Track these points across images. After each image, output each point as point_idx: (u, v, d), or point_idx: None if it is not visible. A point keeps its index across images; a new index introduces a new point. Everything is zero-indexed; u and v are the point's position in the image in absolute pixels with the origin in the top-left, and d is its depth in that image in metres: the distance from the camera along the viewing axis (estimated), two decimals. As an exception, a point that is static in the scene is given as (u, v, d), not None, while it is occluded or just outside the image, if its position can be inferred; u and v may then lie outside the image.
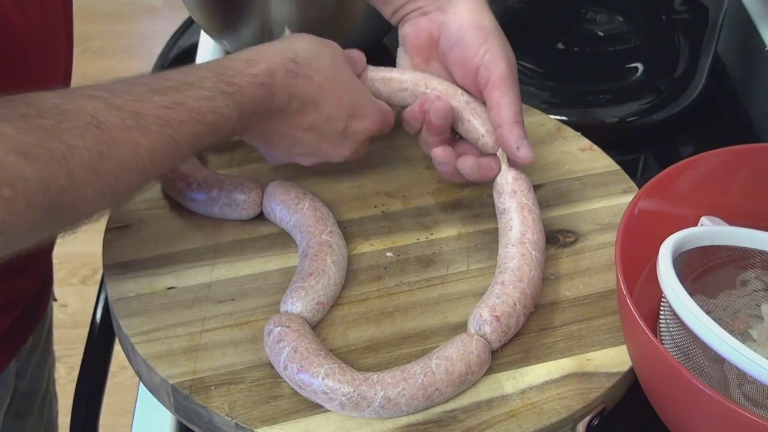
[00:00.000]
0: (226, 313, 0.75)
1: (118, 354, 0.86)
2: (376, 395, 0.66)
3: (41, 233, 0.62)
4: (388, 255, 0.81)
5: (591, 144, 0.92)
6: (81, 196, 0.62)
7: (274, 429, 0.67)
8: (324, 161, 0.82)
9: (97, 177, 0.62)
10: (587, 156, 0.91)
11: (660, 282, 0.66)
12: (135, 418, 0.77)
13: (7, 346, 0.89)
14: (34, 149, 0.58)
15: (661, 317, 0.70)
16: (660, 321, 0.70)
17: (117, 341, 0.78)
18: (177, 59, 1.22)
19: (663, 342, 0.69)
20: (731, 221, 0.76)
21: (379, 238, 0.83)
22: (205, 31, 1.14)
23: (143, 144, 0.65)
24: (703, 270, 0.75)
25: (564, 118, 0.97)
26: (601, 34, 1.16)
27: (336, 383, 0.66)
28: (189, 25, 1.27)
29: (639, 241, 0.71)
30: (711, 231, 0.73)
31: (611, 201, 0.86)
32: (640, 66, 1.10)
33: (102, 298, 0.99)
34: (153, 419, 0.76)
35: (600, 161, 0.91)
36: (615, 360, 0.72)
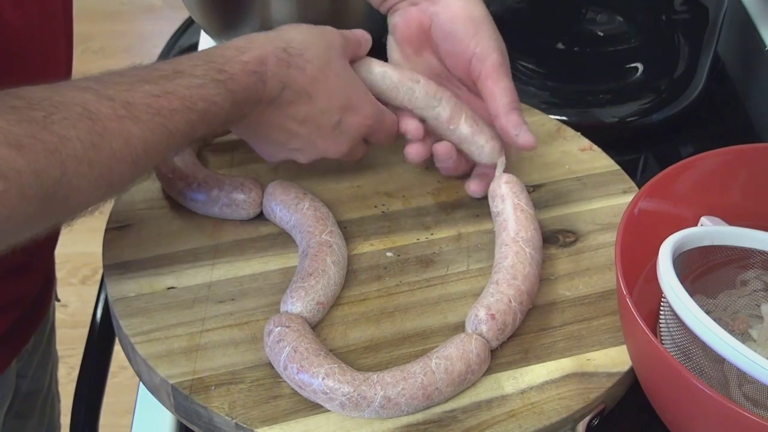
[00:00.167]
0: (226, 313, 0.75)
1: (118, 354, 0.86)
2: (376, 395, 0.66)
3: (36, 226, 0.62)
4: (388, 255, 0.81)
5: (591, 144, 0.92)
6: (75, 187, 0.61)
7: (274, 429, 0.67)
8: (320, 157, 0.81)
9: (90, 168, 0.62)
10: (587, 156, 0.91)
11: (660, 282, 0.66)
12: (135, 418, 0.77)
13: (8, 346, 0.89)
14: (25, 140, 0.58)
15: (661, 317, 0.70)
16: (660, 321, 0.70)
17: (117, 341, 0.78)
18: (177, 59, 1.22)
19: (663, 342, 0.69)
20: (731, 221, 0.76)
21: (379, 238, 0.83)
22: (205, 31, 1.14)
23: (136, 134, 0.64)
24: (703, 270, 0.75)
25: (564, 118, 0.97)
26: (601, 34, 1.16)
27: (336, 383, 0.66)
28: (189, 25, 1.27)
29: (639, 241, 0.71)
30: (711, 231, 0.73)
31: (611, 201, 0.86)
32: (640, 66, 1.10)
33: (102, 298, 0.99)
34: (153, 419, 0.76)
35: (600, 161, 0.91)
36: (615, 360, 0.72)
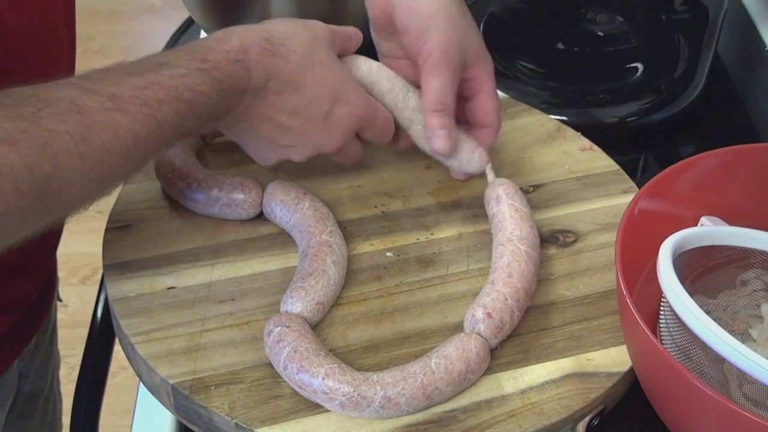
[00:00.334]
0: (226, 313, 0.75)
1: (118, 354, 0.86)
2: (376, 395, 0.66)
3: (30, 223, 0.62)
4: (388, 255, 0.81)
5: (591, 144, 0.92)
6: (67, 181, 0.62)
7: (274, 429, 0.67)
8: (314, 152, 0.80)
9: (82, 161, 0.62)
10: (587, 156, 0.91)
11: (660, 282, 0.66)
12: (135, 418, 0.77)
13: (11, 346, 0.89)
14: (17, 136, 0.59)
15: (661, 317, 0.70)
16: (660, 321, 0.70)
17: (117, 341, 0.78)
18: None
19: (663, 342, 0.69)
20: (731, 221, 0.76)
21: (379, 238, 0.83)
22: (205, 31, 1.14)
23: (125, 125, 0.65)
24: (703, 270, 0.75)
25: (564, 118, 0.97)
26: (601, 34, 1.16)
27: (336, 383, 0.66)
28: (189, 25, 1.27)
29: (639, 241, 0.71)
30: (711, 231, 0.73)
31: (611, 201, 0.86)
32: (640, 66, 1.10)
33: (102, 298, 0.99)
34: (153, 419, 0.76)
35: (600, 161, 0.91)
36: (615, 360, 0.72)
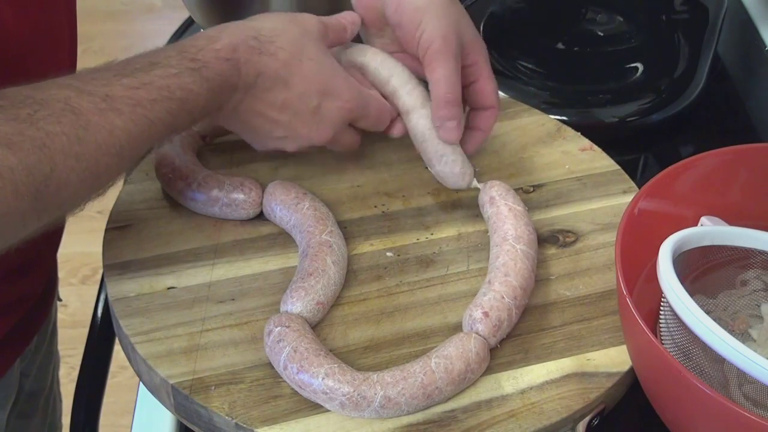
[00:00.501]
0: (226, 313, 0.75)
1: (118, 354, 0.86)
2: (376, 395, 0.66)
3: (30, 224, 0.63)
4: (388, 255, 0.81)
5: (591, 144, 0.92)
6: (64, 181, 0.63)
7: (274, 429, 0.67)
8: (305, 144, 0.80)
9: (78, 161, 0.63)
10: (587, 156, 0.91)
11: (660, 282, 0.66)
12: (135, 418, 0.77)
13: (12, 346, 0.89)
14: (15, 138, 0.59)
15: (661, 317, 0.70)
16: (660, 321, 0.70)
17: (117, 341, 0.78)
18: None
19: (663, 342, 0.69)
20: (731, 221, 0.76)
21: (379, 238, 0.83)
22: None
23: (118, 125, 0.66)
24: (703, 270, 0.75)
25: (564, 118, 0.97)
26: (601, 34, 1.16)
27: (336, 383, 0.66)
28: (189, 25, 1.27)
29: (639, 241, 0.71)
30: (711, 231, 0.73)
31: (611, 201, 0.86)
32: (640, 66, 1.10)
33: (102, 298, 0.99)
34: (153, 419, 0.76)
35: (600, 161, 0.91)
36: (615, 360, 0.72)
